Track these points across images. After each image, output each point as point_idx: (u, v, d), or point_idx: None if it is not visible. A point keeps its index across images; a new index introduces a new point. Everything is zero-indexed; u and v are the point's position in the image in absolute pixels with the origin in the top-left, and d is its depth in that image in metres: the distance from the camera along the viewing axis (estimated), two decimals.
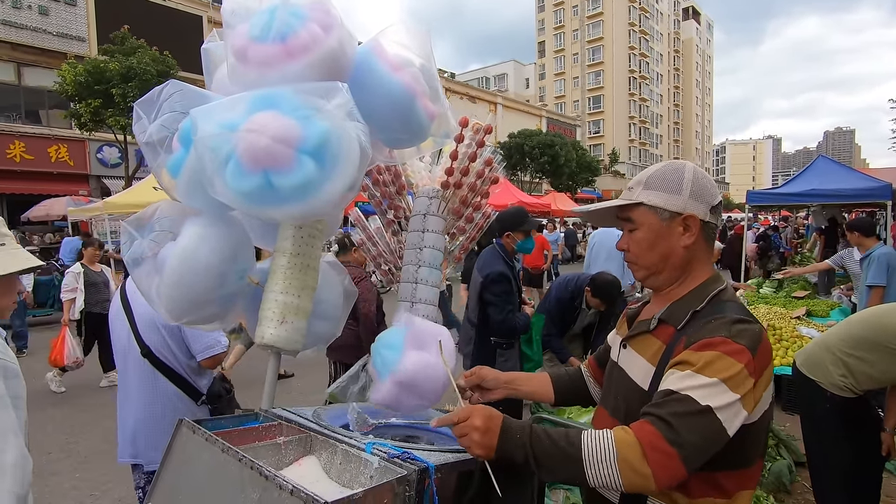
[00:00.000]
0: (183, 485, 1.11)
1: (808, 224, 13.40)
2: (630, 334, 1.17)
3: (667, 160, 1.32)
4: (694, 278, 1.12)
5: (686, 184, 1.09)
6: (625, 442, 0.91)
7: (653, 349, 1.08)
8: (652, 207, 1.10)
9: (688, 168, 1.13)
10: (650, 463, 0.88)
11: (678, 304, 1.10)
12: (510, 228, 3.21)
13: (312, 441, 1.20)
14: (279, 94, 1.18)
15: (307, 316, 1.42)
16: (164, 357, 1.99)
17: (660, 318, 1.10)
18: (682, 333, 1.04)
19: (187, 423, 1.16)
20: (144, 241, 1.35)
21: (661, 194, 1.10)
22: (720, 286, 1.10)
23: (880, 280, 4.33)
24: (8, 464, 1.13)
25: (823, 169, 8.32)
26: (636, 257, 1.15)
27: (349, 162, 1.18)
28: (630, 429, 0.93)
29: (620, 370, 1.17)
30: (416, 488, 0.96)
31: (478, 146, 1.85)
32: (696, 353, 0.96)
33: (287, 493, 0.86)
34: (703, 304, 1.06)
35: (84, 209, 11.14)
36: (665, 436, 0.89)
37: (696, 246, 1.10)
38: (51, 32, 16.86)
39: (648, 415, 0.94)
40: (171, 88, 1.33)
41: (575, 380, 1.46)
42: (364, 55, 1.38)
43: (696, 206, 1.09)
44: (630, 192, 1.16)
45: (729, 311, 1.03)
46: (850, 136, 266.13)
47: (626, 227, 1.16)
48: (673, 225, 1.09)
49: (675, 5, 74.95)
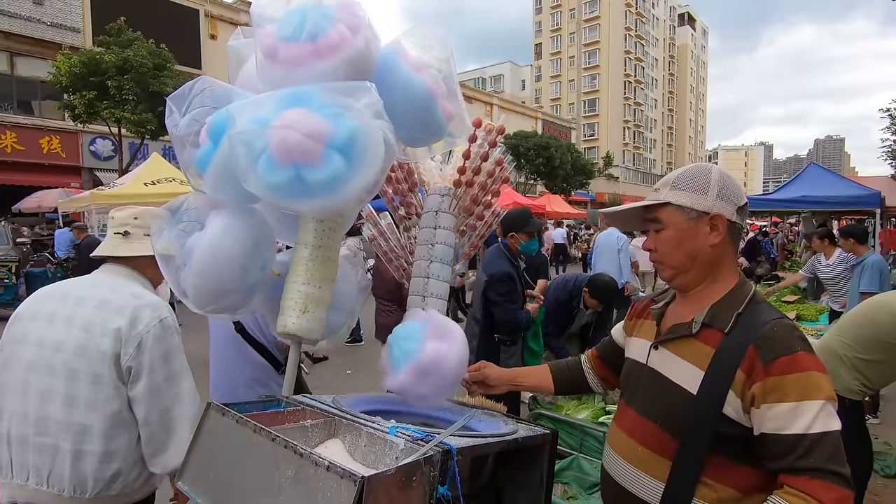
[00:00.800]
0: (213, 465, 1.16)
1: (800, 230, 13.62)
2: (666, 337, 1.17)
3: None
4: (725, 280, 1.15)
5: (713, 184, 1.12)
6: None
7: (700, 353, 1.09)
8: (679, 207, 1.13)
9: (714, 170, 1.16)
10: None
11: (719, 307, 1.11)
12: (514, 229, 3.26)
13: (336, 425, 1.25)
14: (308, 93, 1.23)
15: (327, 307, 1.47)
16: (253, 333, 2.25)
17: (703, 322, 1.11)
18: (736, 339, 1.05)
19: (216, 407, 1.20)
20: (173, 231, 1.39)
21: (689, 194, 1.13)
22: (752, 288, 1.15)
23: (874, 287, 4.45)
24: (186, 393, 1.54)
25: (815, 176, 8.49)
26: (663, 256, 1.17)
27: (375, 158, 1.23)
28: (799, 493, 0.94)
29: (654, 372, 1.17)
30: (440, 468, 1.02)
31: (490, 146, 1.90)
32: (785, 378, 0.98)
33: (323, 469, 0.90)
34: (743, 306, 1.09)
35: (72, 200, 11.06)
36: (836, 483, 0.93)
37: (723, 245, 1.13)
38: (45, 22, 16.68)
39: (804, 471, 0.94)
40: (201, 84, 1.37)
41: (574, 371, 1.53)
42: (387, 56, 1.43)
43: (723, 205, 1.12)
44: (657, 192, 1.19)
45: (770, 313, 1.08)
46: (839, 145, 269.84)
47: (653, 227, 1.18)
48: (700, 224, 1.12)
49: (671, 11, 75.58)
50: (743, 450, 1.03)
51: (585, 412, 3.65)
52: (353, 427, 1.19)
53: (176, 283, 1.42)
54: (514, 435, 1.26)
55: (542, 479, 1.34)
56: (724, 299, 1.12)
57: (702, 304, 1.14)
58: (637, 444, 1.15)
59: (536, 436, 1.31)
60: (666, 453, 1.09)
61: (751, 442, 1.02)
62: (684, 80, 78.95)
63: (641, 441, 1.15)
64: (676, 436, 1.08)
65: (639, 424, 1.17)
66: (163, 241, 1.40)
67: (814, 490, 0.93)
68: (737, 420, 1.03)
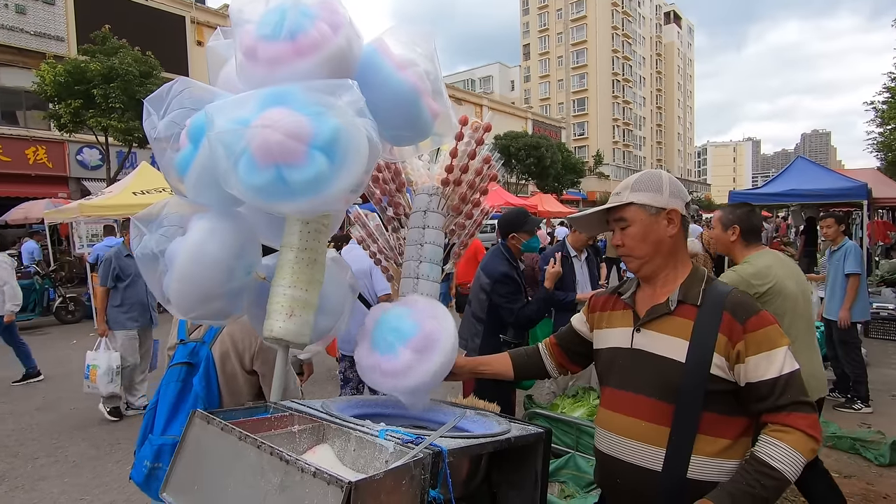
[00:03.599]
0: (198, 476, 1.13)
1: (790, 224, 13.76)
2: (647, 319, 1.31)
3: (652, 160, 1.56)
4: (684, 264, 1.35)
5: (665, 185, 1.33)
6: (796, 441, 1.12)
7: (682, 327, 1.25)
8: (641, 205, 1.32)
9: (664, 174, 1.38)
10: (816, 435, 1.14)
11: (687, 286, 1.30)
12: (514, 230, 3.25)
13: (325, 430, 1.22)
14: (289, 92, 1.21)
15: (314, 310, 1.45)
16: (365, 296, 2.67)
17: (678, 300, 1.28)
18: (708, 309, 1.24)
19: (201, 414, 1.18)
20: (153, 236, 1.36)
21: (648, 194, 1.32)
22: (704, 269, 1.35)
23: (859, 268, 4.67)
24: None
25: (802, 169, 8.56)
26: (631, 249, 1.34)
27: (359, 158, 1.21)
28: (782, 426, 1.15)
29: (640, 353, 1.30)
30: (430, 471, 1.00)
31: (477, 144, 1.89)
32: (757, 333, 1.20)
33: (310, 476, 0.88)
34: (704, 283, 1.29)
35: (59, 211, 10.90)
36: (807, 412, 1.15)
37: (679, 235, 1.33)
38: (28, 32, 16.51)
39: (783, 407, 1.15)
40: (179, 85, 1.35)
41: (533, 358, 1.66)
42: (370, 54, 1.41)
43: (676, 202, 1.33)
44: (618, 196, 1.36)
45: (725, 286, 1.29)
46: (826, 139, 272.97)
47: (619, 226, 1.36)
48: (659, 219, 1.31)
49: (656, 10, 76.19)
50: (730, 403, 1.21)
51: (581, 410, 3.64)
52: (342, 431, 1.17)
53: (158, 289, 1.39)
54: (507, 435, 1.24)
55: (536, 478, 1.33)
56: (688, 279, 1.32)
57: (671, 286, 1.32)
58: (636, 419, 1.27)
59: (529, 435, 1.29)
60: (664, 421, 1.22)
61: (737, 394, 1.21)
62: (671, 77, 79.58)
63: (640, 416, 1.26)
64: (672, 402, 1.22)
65: (634, 402, 1.28)
66: (142, 246, 1.36)
67: (793, 421, 1.14)
68: (724, 377, 1.20)
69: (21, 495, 3.47)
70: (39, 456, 4.04)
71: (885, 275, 8.64)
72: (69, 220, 10.70)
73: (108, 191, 10.45)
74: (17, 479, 3.68)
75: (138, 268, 1.44)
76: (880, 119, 18.51)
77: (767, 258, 2.64)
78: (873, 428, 4.17)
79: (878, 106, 18.17)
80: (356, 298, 1.78)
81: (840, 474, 3.52)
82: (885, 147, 19.49)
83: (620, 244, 1.36)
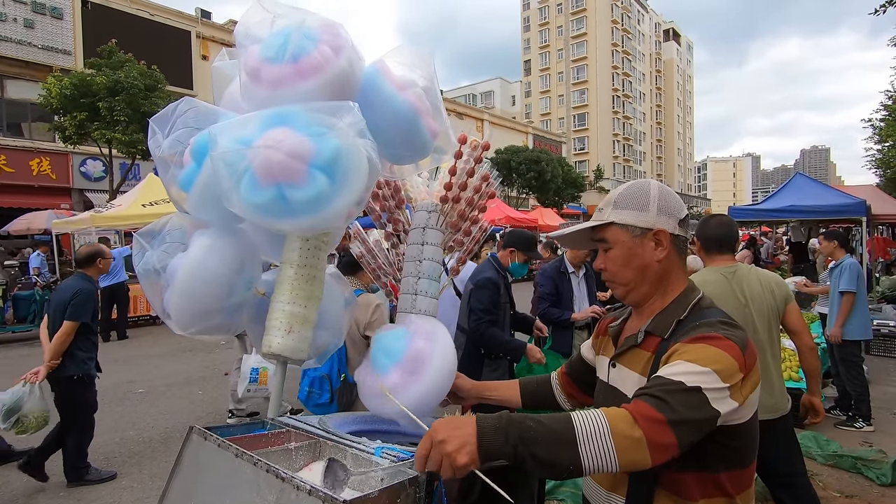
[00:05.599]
0: (194, 491, 1.13)
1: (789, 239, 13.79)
2: (618, 352, 1.18)
3: (652, 176, 1.39)
4: (672, 290, 1.16)
5: (652, 200, 1.14)
6: (614, 413, 0.90)
7: (642, 361, 1.10)
8: (623, 226, 1.14)
9: (653, 185, 1.17)
10: (641, 426, 0.88)
11: (661, 316, 1.13)
12: (517, 247, 3.27)
13: (321, 447, 1.23)
14: (291, 112, 1.24)
15: (313, 326, 1.46)
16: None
17: (646, 331, 1.12)
18: (668, 342, 1.06)
19: (198, 431, 1.18)
20: (155, 252, 1.38)
21: (631, 212, 1.14)
22: (698, 295, 1.15)
23: (853, 286, 4.66)
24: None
25: (801, 186, 8.62)
26: (613, 275, 1.18)
27: (359, 177, 1.24)
28: (620, 407, 0.93)
29: (612, 389, 1.17)
30: (425, 489, 1.00)
31: (475, 162, 1.91)
32: (688, 345, 0.99)
33: (305, 494, 0.89)
34: (686, 312, 1.10)
35: (68, 222, 10.95)
36: (653, 405, 0.90)
37: (670, 259, 1.14)
38: (36, 45, 16.75)
39: (637, 395, 0.95)
40: (184, 105, 1.38)
41: (542, 387, 1.50)
42: (371, 75, 1.45)
43: (665, 220, 1.13)
44: (601, 213, 1.20)
45: (713, 315, 1.08)
46: (825, 155, 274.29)
47: (602, 247, 1.20)
48: (645, 241, 1.13)
49: (656, 27, 77.24)
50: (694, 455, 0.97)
51: None
52: (339, 448, 1.18)
53: (159, 304, 1.40)
54: None
55: (533, 496, 1.32)
56: (666, 308, 1.14)
57: (650, 315, 1.15)
58: None
59: None
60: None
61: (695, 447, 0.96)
62: (671, 93, 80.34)
63: None
64: None
65: None
66: (144, 262, 1.38)
67: (628, 404, 0.93)
68: None
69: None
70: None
71: (885, 291, 8.63)
72: (80, 230, 10.74)
73: (117, 203, 10.52)
74: (12, 493, 3.66)
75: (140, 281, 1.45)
76: (878, 136, 18.64)
77: (705, 274, 2.56)
78: (875, 447, 4.13)
79: (876, 123, 18.31)
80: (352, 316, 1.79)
81: (841, 494, 3.48)
82: (884, 164, 19.59)
83: (603, 268, 1.20)
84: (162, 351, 4.37)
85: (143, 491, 3.63)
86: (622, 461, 0.88)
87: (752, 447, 1.07)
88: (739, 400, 0.95)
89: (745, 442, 1.03)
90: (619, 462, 0.88)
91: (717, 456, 1.00)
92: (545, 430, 0.88)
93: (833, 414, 4.85)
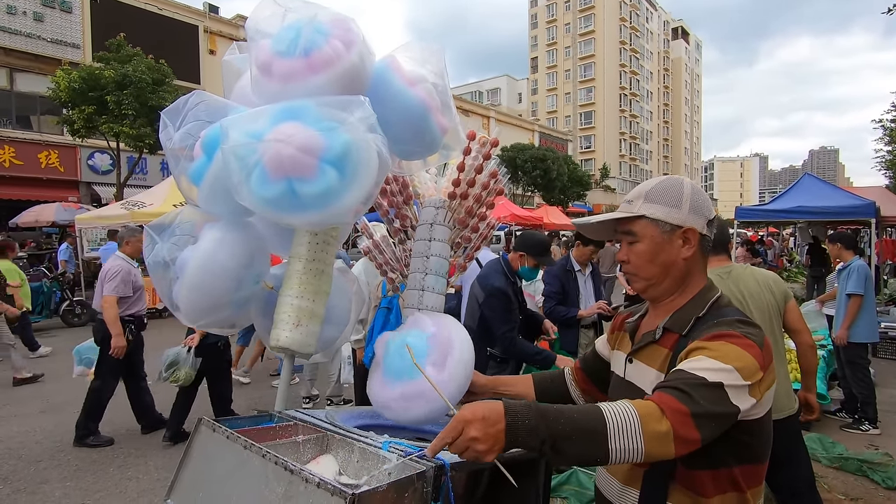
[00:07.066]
0: (203, 483, 1.14)
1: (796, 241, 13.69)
2: (635, 348, 1.18)
3: (659, 175, 1.36)
4: (692, 288, 1.16)
5: (686, 198, 1.13)
6: (643, 406, 0.90)
7: (660, 358, 1.11)
8: (654, 220, 1.13)
9: (686, 183, 1.17)
10: (668, 418, 0.88)
11: (680, 313, 1.13)
12: (529, 251, 3.21)
13: (329, 440, 1.23)
14: (302, 107, 1.24)
15: (321, 320, 1.47)
16: None
17: (664, 327, 1.12)
18: (687, 339, 1.06)
19: (206, 422, 1.19)
20: (165, 244, 1.39)
21: (663, 208, 1.13)
22: (717, 293, 1.15)
23: (860, 289, 4.61)
24: None
25: (809, 186, 8.54)
26: (636, 269, 1.17)
27: (369, 172, 1.24)
28: (644, 399, 0.93)
29: (629, 384, 1.17)
30: (433, 484, 1.00)
31: (484, 158, 1.91)
32: (708, 342, 0.99)
33: (313, 486, 0.89)
34: (705, 310, 1.11)
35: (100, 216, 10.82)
36: (677, 397, 0.91)
37: (695, 258, 1.14)
38: (45, 39, 16.83)
39: (660, 388, 0.95)
40: (195, 98, 1.38)
41: (556, 382, 1.50)
42: (381, 70, 1.45)
43: (696, 219, 1.13)
44: (630, 205, 1.18)
45: (731, 314, 1.08)
46: (834, 156, 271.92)
47: (626, 239, 1.18)
48: (673, 238, 1.12)
49: (664, 25, 76.69)
50: (706, 451, 0.96)
51: None
52: (346, 442, 1.18)
53: (168, 297, 1.41)
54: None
55: (537, 493, 1.33)
56: (685, 305, 1.14)
57: (669, 312, 1.15)
58: None
59: None
60: (643, 464, 1.07)
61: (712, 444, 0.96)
62: (679, 92, 79.84)
63: None
64: None
65: None
66: (154, 254, 1.39)
67: (653, 396, 0.93)
68: None
69: (23, 497, 3.48)
70: (43, 459, 4.05)
71: (893, 294, 8.56)
72: (114, 225, 10.64)
73: (149, 202, 10.37)
74: (19, 481, 3.70)
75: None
76: (889, 137, 18.45)
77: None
78: (881, 450, 4.10)
79: (887, 124, 18.13)
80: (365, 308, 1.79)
81: (847, 497, 3.47)
82: (894, 165, 19.40)
83: (626, 260, 1.18)
84: (168, 343, 4.44)
85: (149, 482, 3.66)
86: (648, 453, 0.89)
87: (767, 444, 1.09)
88: (757, 397, 0.97)
89: (760, 439, 1.05)
90: (645, 454, 0.88)
91: (733, 452, 1.01)
92: (576, 428, 0.88)
93: (839, 416, 4.82)
